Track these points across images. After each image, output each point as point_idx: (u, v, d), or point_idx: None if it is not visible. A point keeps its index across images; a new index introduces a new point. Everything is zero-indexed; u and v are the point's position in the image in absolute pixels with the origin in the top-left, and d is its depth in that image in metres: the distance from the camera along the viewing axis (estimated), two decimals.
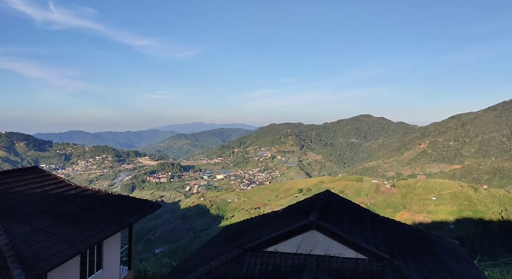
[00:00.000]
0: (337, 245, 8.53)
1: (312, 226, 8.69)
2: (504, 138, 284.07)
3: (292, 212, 12.73)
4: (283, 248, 8.76)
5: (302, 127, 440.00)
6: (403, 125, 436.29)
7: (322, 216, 9.47)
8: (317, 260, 8.26)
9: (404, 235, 11.63)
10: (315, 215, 8.98)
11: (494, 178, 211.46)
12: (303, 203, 13.44)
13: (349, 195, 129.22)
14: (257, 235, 10.36)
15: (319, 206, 10.29)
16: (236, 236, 12.51)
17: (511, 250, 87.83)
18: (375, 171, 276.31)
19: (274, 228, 10.28)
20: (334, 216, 10.69)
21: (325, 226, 8.66)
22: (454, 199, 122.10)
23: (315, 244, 8.67)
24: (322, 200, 11.33)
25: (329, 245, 8.57)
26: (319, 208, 9.92)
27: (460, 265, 10.16)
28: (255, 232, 11.61)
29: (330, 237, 8.61)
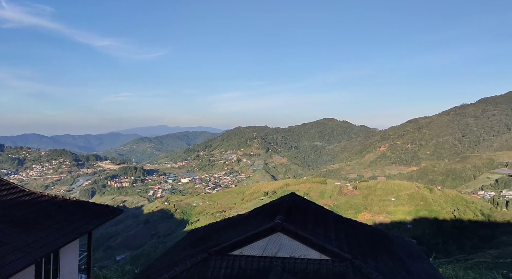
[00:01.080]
0: (302, 246, 8.65)
1: (277, 228, 8.76)
2: (456, 141, 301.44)
3: (257, 215, 12.76)
4: (249, 251, 8.76)
5: (268, 130, 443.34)
6: (365, 128, 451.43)
7: (287, 218, 9.57)
8: (282, 262, 8.33)
9: (365, 236, 11.99)
10: (280, 217, 9.06)
11: (447, 179, 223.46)
12: (269, 206, 13.51)
13: (314, 197, 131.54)
14: (223, 239, 10.29)
15: (284, 208, 10.39)
16: (201, 240, 12.36)
17: (462, 248, 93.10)
18: (338, 173, 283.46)
19: (240, 232, 10.26)
20: (299, 218, 10.83)
21: (290, 228, 8.76)
22: (412, 199, 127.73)
23: (280, 247, 8.74)
24: (287, 203, 11.45)
25: (294, 247, 8.68)
26: (284, 211, 10.01)
27: (417, 263, 10.63)
28: (220, 236, 11.53)
29: (295, 239, 8.72)
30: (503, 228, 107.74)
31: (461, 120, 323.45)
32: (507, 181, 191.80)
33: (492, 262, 52.94)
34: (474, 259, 62.07)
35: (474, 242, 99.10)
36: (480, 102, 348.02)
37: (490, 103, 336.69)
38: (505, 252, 73.05)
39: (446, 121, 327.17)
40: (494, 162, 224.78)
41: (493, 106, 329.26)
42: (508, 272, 34.89)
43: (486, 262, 49.89)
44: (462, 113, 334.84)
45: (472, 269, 21.30)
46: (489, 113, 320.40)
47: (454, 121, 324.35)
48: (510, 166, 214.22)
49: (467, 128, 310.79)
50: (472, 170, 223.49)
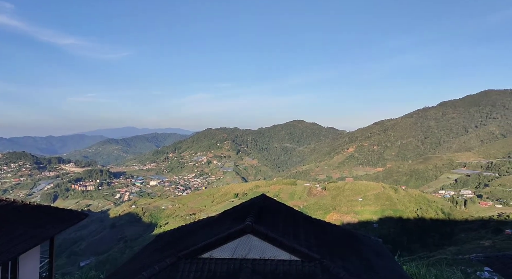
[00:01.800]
0: (272, 248, 8.69)
1: (247, 230, 8.75)
2: (419, 143, 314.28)
3: (228, 217, 12.70)
4: (219, 254, 8.70)
5: (238, 132, 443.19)
6: (333, 130, 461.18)
7: (258, 220, 9.58)
8: (252, 264, 8.33)
9: (333, 235, 12.23)
10: (250, 219, 9.06)
11: (411, 179, 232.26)
12: (239, 207, 13.49)
13: (284, 199, 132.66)
14: (192, 242, 10.16)
15: (255, 210, 10.40)
16: (170, 243, 12.15)
17: (425, 246, 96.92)
18: (307, 174, 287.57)
19: (210, 234, 10.16)
20: (269, 219, 10.87)
21: (260, 230, 8.78)
22: (378, 199, 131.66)
23: (250, 248, 8.74)
24: (257, 204, 11.48)
25: (264, 248, 8.71)
26: (255, 212, 10.03)
27: (382, 261, 10.97)
28: (190, 239, 11.38)
29: (265, 241, 8.75)
30: (462, 226, 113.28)
31: (424, 122, 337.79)
32: (465, 180, 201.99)
33: (452, 259, 55.53)
34: (436, 256, 64.85)
35: (435, 239, 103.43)
36: (441, 105, 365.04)
37: (450, 106, 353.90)
38: (463, 249, 76.84)
39: (410, 124, 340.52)
40: (453, 162, 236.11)
41: (452, 109, 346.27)
42: (466, 268, 36.73)
43: (446, 259, 52.25)
44: (424, 116, 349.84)
45: (433, 265, 22.27)
46: (448, 116, 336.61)
47: (417, 124, 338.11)
48: (468, 166, 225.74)
49: (429, 130, 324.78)
50: (434, 170, 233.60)
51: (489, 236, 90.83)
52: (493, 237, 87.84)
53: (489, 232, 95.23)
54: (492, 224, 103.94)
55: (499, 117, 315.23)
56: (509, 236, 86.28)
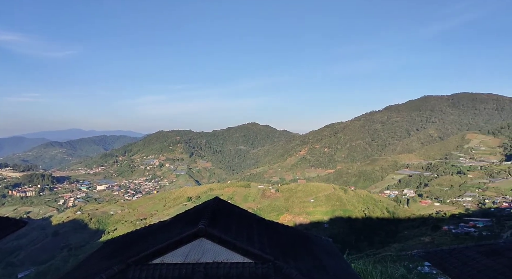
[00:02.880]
0: (225, 251, 8.64)
1: (200, 234, 8.63)
2: (366, 145, 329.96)
3: (180, 221, 12.44)
4: (171, 259, 8.48)
5: (192, 135, 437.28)
6: (286, 133, 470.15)
7: (211, 223, 9.48)
8: (205, 268, 8.22)
9: (286, 237, 12.43)
10: (203, 222, 8.94)
11: (359, 180, 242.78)
12: (192, 211, 13.27)
13: (238, 201, 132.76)
14: (143, 248, 9.82)
15: (208, 213, 10.29)
16: (119, 250, 11.64)
17: (372, 244, 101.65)
18: (261, 176, 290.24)
19: (161, 239, 9.89)
20: (223, 222, 10.81)
21: (214, 233, 8.70)
22: (328, 200, 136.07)
23: (203, 252, 8.63)
24: (211, 207, 11.36)
25: (218, 251, 8.63)
26: (208, 216, 9.92)
27: (333, 260, 11.33)
28: (140, 245, 10.99)
29: (219, 244, 8.67)
30: (405, 224, 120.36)
31: (371, 125, 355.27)
32: (408, 181, 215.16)
33: (396, 255, 58.74)
34: (382, 253, 68.22)
35: (381, 237, 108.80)
36: (386, 109, 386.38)
37: (394, 110, 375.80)
38: (406, 245, 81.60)
39: (358, 127, 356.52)
40: (397, 164, 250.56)
41: (396, 113, 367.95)
42: (408, 263, 38.99)
43: (391, 255, 55.20)
44: (371, 119, 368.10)
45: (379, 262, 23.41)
46: (393, 119, 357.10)
47: (365, 127, 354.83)
48: (410, 167, 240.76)
49: (375, 133, 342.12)
50: (380, 171, 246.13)
51: (429, 232, 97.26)
52: (432, 234, 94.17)
53: (428, 229, 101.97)
54: (432, 221, 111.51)
55: (437, 121, 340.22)
56: (445, 232, 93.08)
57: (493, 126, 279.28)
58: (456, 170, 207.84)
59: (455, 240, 78.11)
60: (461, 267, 9.58)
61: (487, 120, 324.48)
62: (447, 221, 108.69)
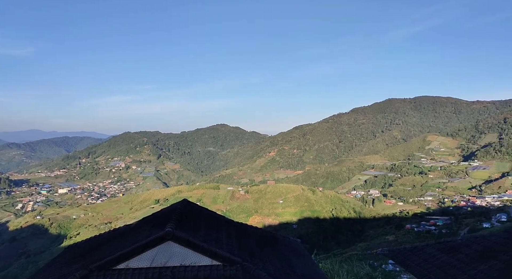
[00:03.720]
0: (193, 254, 8.52)
1: (168, 237, 8.45)
2: (334, 147, 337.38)
3: (147, 224, 12.15)
4: (136, 264, 8.25)
5: (160, 136, 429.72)
6: (256, 134, 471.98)
7: (179, 226, 9.33)
8: (172, 272, 8.07)
9: (255, 238, 12.44)
10: (171, 225, 8.78)
11: (327, 181, 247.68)
12: (159, 214, 13.01)
13: (207, 203, 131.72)
14: (107, 253, 9.50)
15: (176, 216, 10.11)
16: (81, 255, 11.20)
17: (339, 243, 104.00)
18: (231, 178, 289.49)
19: (127, 243, 9.61)
20: (191, 225, 10.67)
21: (181, 236, 8.55)
22: (297, 201, 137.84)
23: (171, 255, 8.46)
24: (178, 210, 11.18)
25: (185, 254, 8.49)
26: (176, 218, 9.75)
27: (301, 261, 11.47)
28: (104, 250, 10.62)
29: (186, 247, 8.54)
30: (370, 223, 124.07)
31: (338, 127, 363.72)
32: (373, 181, 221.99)
33: (362, 254, 60.42)
34: (348, 252, 69.95)
35: (348, 237, 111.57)
36: (353, 111, 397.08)
37: (360, 112, 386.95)
38: (372, 244, 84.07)
39: (326, 128, 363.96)
40: (363, 164, 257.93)
41: (363, 115, 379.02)
42: (373, 262, 40.20)
43: (357, 254, 56.75)
44: (339, 121, 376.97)
45: (346, 261, 23.92)
46: (359, 121, 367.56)
47: (332, 128, 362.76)
48: (375, 168, 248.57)
49: (342, 134, 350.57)
50: (347, 172, 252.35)
51: (393, 231, 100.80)
52: (396, 232, 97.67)
53: (393, 228, 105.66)
54: (395, 221, 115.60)
55: (401, 123, 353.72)
56: (408, 230, 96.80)
57: (451, 128, 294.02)
58: (418, 170, 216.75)
59: (417, 238, 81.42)
60: (423, 264, 9.97)
61: (446, 123, 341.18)
62: (410, 220, 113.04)
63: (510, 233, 10.11)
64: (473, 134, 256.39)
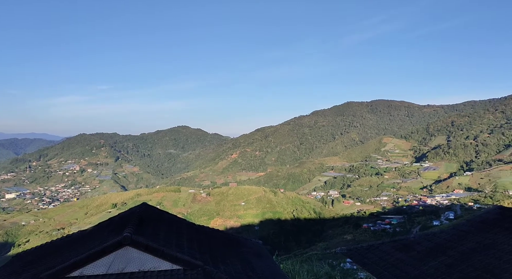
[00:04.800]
0: (153, 259, 8.31)
1: (125, 242, 8.18)
2: (295, 148, 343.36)
3: (103, 229, 11.70)
4: (91, 271, 7.91)
5: (118, 138, 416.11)
6: (218, 136, 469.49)
7: (137, 230, 9.07)
8: (130, 278, 7.82)
9: (216, 241, 12.36)
10: (129, 230, 8.51)
11: (288, 182, 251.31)
12: (117, 218, 12.58)
13: (167, 206, 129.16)
14: (59, 260, 9.04)
15: (134, 220, 9.83)
16: (31, 264, 10.56)
17: (300, 244, 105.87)
18: (192, 181, 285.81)
19: (81, 250, 9.20)
20: (150, 229, 10.41)
21: (140, 240, 8.31)
22: (259, 203, 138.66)
23: (128, 261, 8.19)
24: (137, 214, 10.87)
25: (144, 260, 8.26)
26: (134, 223, 9.47)
27: (262, 262, 11.54)
28: (56, 257, 10.09)
29: (145, 252, 8.31)
30: (330, 223, 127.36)
31: (299, 129, 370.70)
32: (333, 182, 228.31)
33: (321, 253, 61.89)
34: (308, 252, 71.37)
35: (308, 237, 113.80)
36: (313, 114, 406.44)
37: (320, 115, 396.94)
38: (331, 244, 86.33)
39: (288, 130, 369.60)
40: (323, 166, 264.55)
41: (323, 118, 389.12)
42: (332, 261, 41.31)
43: (317, 254, 58.07)
44: (300, 123, 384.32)
45: (306, 261, 24.42)
46: (319, 124, 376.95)
47: (294, 131, 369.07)
48: (335, 169, 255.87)
49: (303, 137, 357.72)
50: (308, 173, 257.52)
51: (351, 230, 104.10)
52: (354, 231, 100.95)
53: (351, 227, 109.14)
54: (353, 220, 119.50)
55: (359, 125, 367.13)
56: (365, 229, 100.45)
57: (405, 131, 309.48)
58: (374, 171, 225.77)
59: (373, 237, 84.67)
60: (378, 262, 10.38)
61: (400, 125, 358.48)
62: (367, 219, 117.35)
63: (457, 230, 10.81)
64: (424, 136, 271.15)
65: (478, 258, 8.51)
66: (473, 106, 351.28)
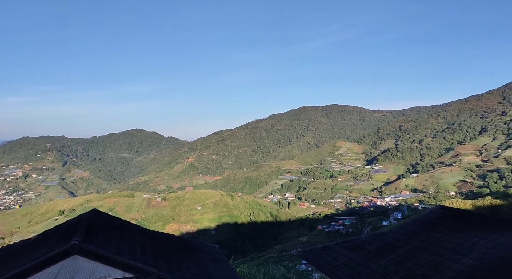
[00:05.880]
0: (103, 267, 7.96)
1: (73, 250, 7.77)
2: (252, 152, 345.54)
3: (49, 238, 11.03)
4: None
5: (66, 141, 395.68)
6: (174, 139, 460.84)
7: (87, 238, 8.65)
8: None
9: (171, 247, 12.10)
10: (78, 238, 8.09)
11: (245, 186, 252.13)
12: (64, 226, 11.91)
13: (120, 212, 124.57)
14: None
15: (83, 227, 9.37)
16: None
17: (256, 247, 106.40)
18: (147, 185, 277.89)
19: (25, 260, 8.60)
20: (101, 236, 9.98)
21: (89, 248, 7.94)
22: (216, 207, 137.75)
23: (77, 271, 7.79)
24: (87, 221, 10.37)
25: (94, 268, 7.90)
26: (83, 230, 9.02)
27: (218, 267, 11.47)
28: None
29: (95, 260, 7.95)
30: (286, 226, 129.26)
31: (256, 133, 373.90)
32: (289, 185, 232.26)
33: (277, 256, 62.58)
34: (265, 255, 71.85)
35: (265, 240, 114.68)
36: (270, 118, 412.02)
37: (277, 119, 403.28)
38: (287, 246, 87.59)
39: (245, 134, 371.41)
40: (280, 169, 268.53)
41: (279, 121, 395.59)
42: (288, 263, 41.93)
43: (273, 257, 58.65)
44: (257, 127, 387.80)
45: (262, 265, 24.60)
46: (276, 128, 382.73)
47: (251, 134, 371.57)
48: (291, 172, 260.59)
49: (261, 140, 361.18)
50: (265, 177, 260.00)
51: (306, 232, 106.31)
52: (309, 233, 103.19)
53: (306, 229, 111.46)
54: (308, 222, 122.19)
55: (314, 129, 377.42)
56: (320, 231, 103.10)
57: (357, 135, 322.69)
58: (329, 174, 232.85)
59: (328, 238, 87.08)
60: (332, 262, 10.71)
61: (352, 129, 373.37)
62: (321, 221, 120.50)
63: (404, 229, 11.43)
64: (375, 140, 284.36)
65: (423, 256, 9.05)
66: (418, 111, 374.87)
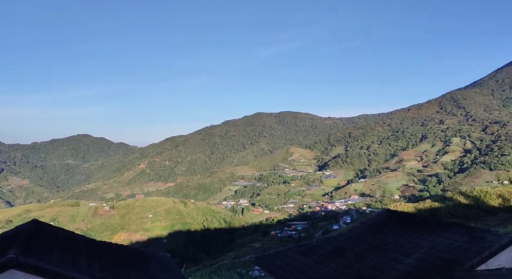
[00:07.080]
0: None
1: (10, 264, 7.17)
2: (206, 158, 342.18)
3: None
4: None
5: (2, 147, 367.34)
6: (124, 145, 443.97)
7: (25, 251, 8.04)
8: None
9: (119, 257, 11.60)
10: (15, 251, 7.48)
11: (199, 192, 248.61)
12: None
13: (63, 223, 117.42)
14: None
15: (22, 239, 8.69)
16: None
17: (209, 254, 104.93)
18: (94, 193, 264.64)
19: None
20: (42, 248, 9.33)
21: (28, 262, 7.37)
22: (168, 214, 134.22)
23: None
24: (25, 232, 9.64)
25: None
26: (21, 242, 8.37)
27: (169, 276, 11.15)
28: None
29: (35, 274, 7.40)
30: (240, 232, 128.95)
31: (210, 139, 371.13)
32: (243, 191, 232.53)
33: (231, 263, 62.20)
34: (218, 262, 71.10)
35: (218, 247, 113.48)
36: (224, 124, 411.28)
37: (231, 125, 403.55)
38: (240, 252, 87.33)
39: (199, 140, 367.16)
40: (234, 175, 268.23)
41: (234, 128, 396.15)
42: (241, 270, 41.83)
43: (226, 264, 58.21)
44: (211, 133, 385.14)
45: (215, 272, 24.35)
46: (231, 133, 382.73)
47: (205, 140, 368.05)
48: (245, 178, 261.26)
49: (215, 146, 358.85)
50: (219, 183, 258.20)
51: (259, 238, 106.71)
52: (262, 239, 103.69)
53: (259, 235, 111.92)
54: (262, 228, 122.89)
55: (268, 135, 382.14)
56: (273, 236, 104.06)
57: (309, 141, 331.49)
58: (282, 180, 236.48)
59: (281, 243, 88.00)
60: (284, 267, 10.84)
61: (305, 136, 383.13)
62: (275, 226, 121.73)
63: (353, 232, 11.88)
64: (326, 146, 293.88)
65: (370, 258, 9.45)
66: (366, 119, 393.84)
